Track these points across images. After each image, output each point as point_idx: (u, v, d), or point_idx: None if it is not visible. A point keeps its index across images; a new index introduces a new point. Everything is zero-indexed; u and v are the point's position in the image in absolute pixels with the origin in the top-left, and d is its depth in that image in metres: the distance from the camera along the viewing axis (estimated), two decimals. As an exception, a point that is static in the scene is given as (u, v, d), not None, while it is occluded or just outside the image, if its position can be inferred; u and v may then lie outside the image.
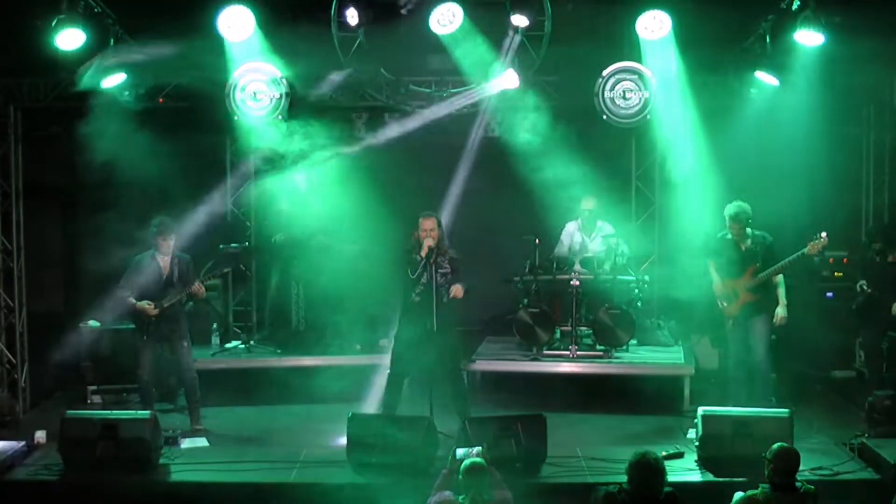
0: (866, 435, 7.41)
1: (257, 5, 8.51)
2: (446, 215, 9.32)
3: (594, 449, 7.45)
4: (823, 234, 7.81)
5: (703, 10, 8.33)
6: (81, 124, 8.85)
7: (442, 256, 7.84)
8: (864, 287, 8.47)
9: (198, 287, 8.10)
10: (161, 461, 7.24)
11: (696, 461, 7.17)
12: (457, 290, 7.81)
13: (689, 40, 8.65)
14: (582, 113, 9.22)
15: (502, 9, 8.62)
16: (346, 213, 10.45)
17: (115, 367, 9.11)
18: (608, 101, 8.98)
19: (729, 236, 8.25)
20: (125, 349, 9.01)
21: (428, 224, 7.75)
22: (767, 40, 8.48)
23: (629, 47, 9.17)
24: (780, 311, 8.11)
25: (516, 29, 8.67)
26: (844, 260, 10.00)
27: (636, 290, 9.64)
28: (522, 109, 9.54)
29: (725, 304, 8.26)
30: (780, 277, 8.13)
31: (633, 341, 9.36)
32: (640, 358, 9.20)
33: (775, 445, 5.48)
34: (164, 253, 8.08)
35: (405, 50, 8.94)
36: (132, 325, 8.27)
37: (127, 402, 8.86)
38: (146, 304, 7.97)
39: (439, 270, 7.79)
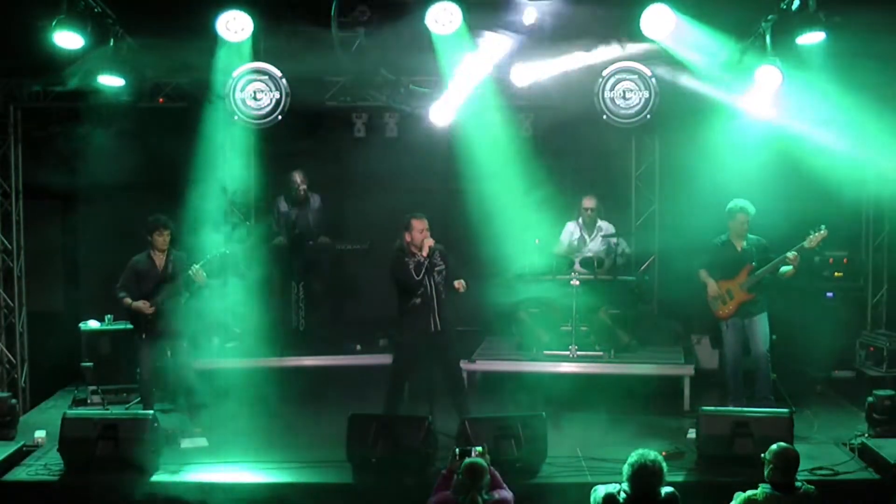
0: (866, 435, 7.42)
1: (257, 5, 8.50)
2: (447, 215, 9.35)
3: (594, 449, 7.46)
4: (823, 228, 7.83)
5: (702, 10, 8.31)
6: (81, 124, 8.86)
7: (433, 255, 7.84)
8: None
9: (196, 271, 8.04)
10: (161, 461, 7.25)
11: (696, 461, 7.17)
12: (460, 284, 7.79)
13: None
14: (582, 113, 9.21)
15: (502, 9, 8.61)
16: (346, 213, 10.49)
17: (115, 367, 9.10)
18: (608, 101, 8.97)
19: (725, 238, 8.27)
20: (125, 349, 9.00)
21: (423, 224, 7.76)
22: (768, 40, 8.47)
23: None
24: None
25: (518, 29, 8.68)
26: (844, 260, 10.01)
27: (636, 290, 9.64)
28: (523, 109, 9.58)
29: (720, 306, 8.26)
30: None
31: (634, 341, 9.36)
32: (640, 358, 9.20)
33: (775, 445, 5.48)
34: (159, 249, 8.09)
35: (405, 50, 8.93)
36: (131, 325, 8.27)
37: (127, 402, 8.85)
38: (141, 304, 7.97)
39: (436, 269, 7.78)
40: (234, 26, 8.42)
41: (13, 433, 7.79)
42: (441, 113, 9.14)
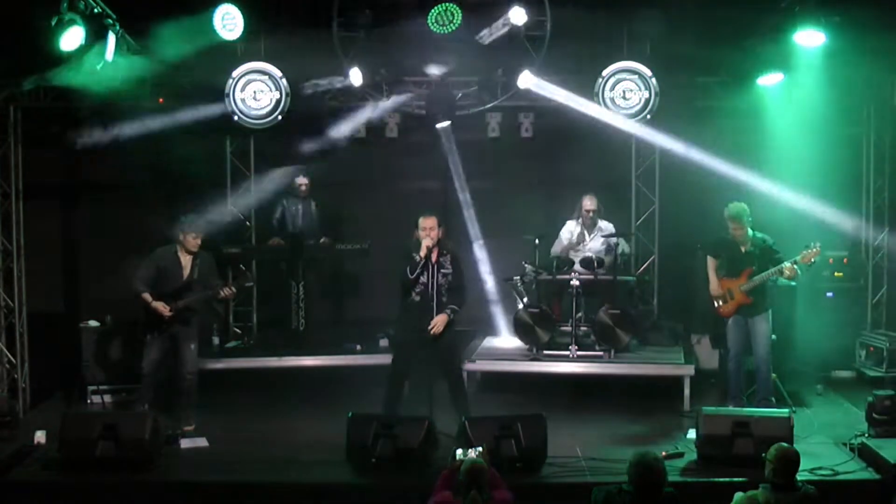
0: (866, 435, 7.42)
1: (256, 6, 8.50)
2: (447, 215, 9.34)
3: (594, 449, 7.45)
4: (817, 245, 7.84)
5: (702, 10, 8.32)
6: (81, 124, 8.86)
7: (444, 257, 7.81)
8: None
9: (228, 291, 8.01)
10: (161, 461, 7.24)
11: (696, 461, 7.17)
12: (438, 322, 7.68)
13: (688, 40, 8.65)
14: (582, 113, 9.21)
15: (502, 9, 8.62)
16: (346, 213, 10.48)
17: (115, 367, 9.10)
18: (608, 101, 8.99)
19: (729, 237, 8.26)
20: (125, 349, 9.00)
21: (427, 223, 7.71)
22: (767, 40, 8.48)
23: (629, 47, 9.19)
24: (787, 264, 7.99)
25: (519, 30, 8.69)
26: (844, 260, 10.02)
27: (636, 290, 9.64)
28: (524, 109, 9.58)
29: (721, 304, 8.27)
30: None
31: (634, 341, 9.36)
32: (640, 358, 9.19)
33: (775, 446, 5.47)
34: (189, 250, 8.01)
35: (405, 50, 8.93)
36: (137, 319, 8.23)
37: (127, 402, 8.84)
38: (161, 306, 7.89)
39: (441, 270, 7.75)
40: (229, 23, 8.40)
41: (13, 433, 7.78)
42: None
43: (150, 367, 8.04)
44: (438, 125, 9.38)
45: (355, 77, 8.95)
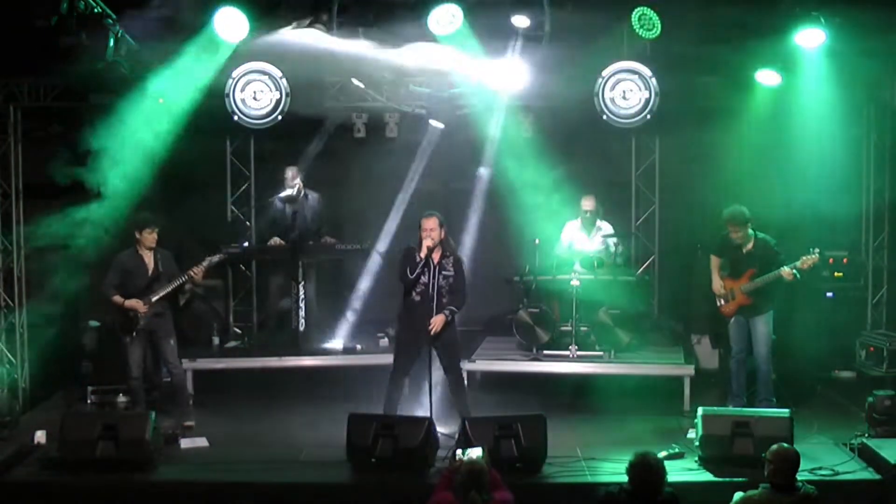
0: (866, 435, 7.42)
1: (256, 6, 8.50)
2: (447, 215, 9.33)
3: (594, 449, 7.46)
4: (816, 251, 7.85)
5: (702, 10, 8.32)
6: (81, 124, 8.86)
7: (446, 258, 7.81)
8: None
9: (197, 269, 8.04)
10: (161, 461, 7.25)
11: (696, 461, 7.17)
12: (437, 322, 7.66)
13: (688, 40, 8.65)
14: (582, 113, 9.22)
15: (503, 10, 8.62)
16: (345, 213, 10.48)
17: (114, 367, 9.08)
18: (608, 101, 8.98)
19: (731, 238, 8.27)
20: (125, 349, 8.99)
21: (429, 224, 7.71)
22: (767, 40, 8.48)
23: (629, 47, 9.18)
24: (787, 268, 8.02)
25: (518, 31, 8.69)
26: (844, 260, 10.02)
27: (636, 290, 9.64)
28: (523, 109, 9.58)
29: (723, 303, 8.30)
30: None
31: (633, 341, 9.36)
32: (640, 358, 9.19)
33: (775, 446, 5.49)
34: (148, 247, 8.05)
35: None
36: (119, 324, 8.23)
37: (126, 402, 8.85)
38: (135, 302, 7.93)
39: (443, 272, 7.74)
40: (232, 25, 8.39)
41: (13, 433, 7.79)
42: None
43: (135, 369, 8.08)
44: (432, 123, 9.39)
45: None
